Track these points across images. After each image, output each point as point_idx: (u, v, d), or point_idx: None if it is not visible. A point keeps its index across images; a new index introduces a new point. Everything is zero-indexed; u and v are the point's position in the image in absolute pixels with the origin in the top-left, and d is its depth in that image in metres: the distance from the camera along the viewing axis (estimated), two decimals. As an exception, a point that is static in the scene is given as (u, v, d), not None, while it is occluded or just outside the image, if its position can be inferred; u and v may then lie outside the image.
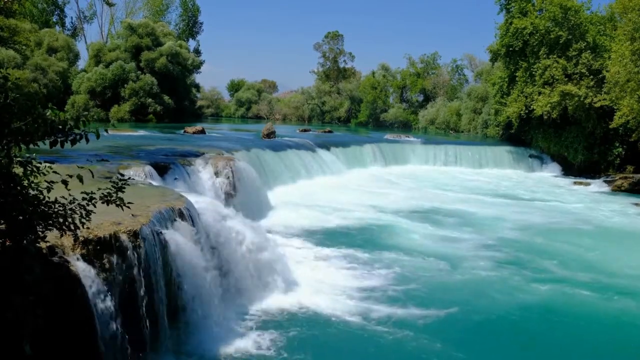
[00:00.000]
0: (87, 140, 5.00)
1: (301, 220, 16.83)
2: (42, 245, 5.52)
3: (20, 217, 4.99)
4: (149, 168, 13.93)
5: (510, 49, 33.41)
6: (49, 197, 5.24)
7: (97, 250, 6.69)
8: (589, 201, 24.11)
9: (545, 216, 19.88)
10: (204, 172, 16.07)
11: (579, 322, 10.26)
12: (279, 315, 9.64)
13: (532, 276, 12.53)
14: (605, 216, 20.68)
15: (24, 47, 38.68)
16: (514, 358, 9.01)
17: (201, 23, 70.58)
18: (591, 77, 30.62)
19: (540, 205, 22.41)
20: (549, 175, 32.98)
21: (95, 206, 5.59)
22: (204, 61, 59.37)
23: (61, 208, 5.32)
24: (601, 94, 29.50)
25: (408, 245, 14.82)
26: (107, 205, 5.71)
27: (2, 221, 4.97)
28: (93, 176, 5.95)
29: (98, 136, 5.05)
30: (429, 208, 20.33)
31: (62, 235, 5.66)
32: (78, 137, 4.99)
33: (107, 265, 6.72)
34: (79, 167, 5.56)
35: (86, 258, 6.47)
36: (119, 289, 6.90)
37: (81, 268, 6.29)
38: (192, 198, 10.07)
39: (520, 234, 16.82)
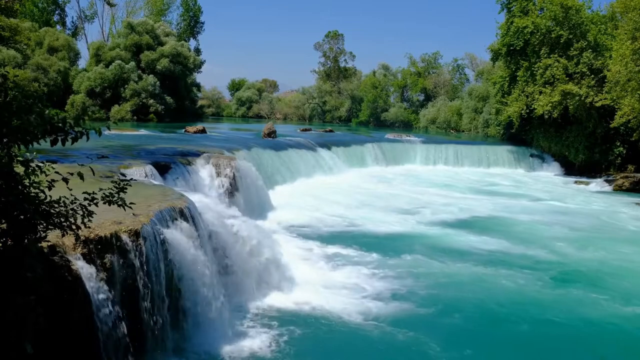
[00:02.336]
0: (88, 138, 4.99)
1: (302, 220, 16.82)
2: (44, 244, 5.51)
3: (22, 217, 4.97)
4: (150, 167, 13.92)
5: (511, 48, 33.41)
6: (50, 197, 5.23)
7: (98, 249, 6.69)
8: (598, 203, 23.89)
9: (554, 219, 19.43)
10: (205, 171, 16.06)
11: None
12: (280, 314, 9.62)
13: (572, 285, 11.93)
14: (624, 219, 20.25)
15: (24, 46, 38.69)
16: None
17: (202, 23, 70.67)
18: (592, 76, 30.60)
19: (548, 206, 22.13)
20: (550, 175, 33.01)
21: (97, 205, 5.58)
22: (204, 61, 59.44)
23: (63, 208, 5.30)
24: (602, 94, 29.48)
25: (410, 245, 14.77)
26: (109, 205, 5.70)
27: (3, 220, 4.95)
28: (94, 174, 5.93)
29: (100, 134, 5.03)
30: (429, 207, 20.30)
31: (63, 235, 5.65)
32: (79, 134, 4.97)
33: (108, 265, 6.72)
34: (79, 165, 5.55)
35: (87, 257, 6.47)
36: (120, 288, 6.89)
37: (82, 267, 6.28)
38: (193, 197, 10.06)
39: (535, 238, 16.27)
